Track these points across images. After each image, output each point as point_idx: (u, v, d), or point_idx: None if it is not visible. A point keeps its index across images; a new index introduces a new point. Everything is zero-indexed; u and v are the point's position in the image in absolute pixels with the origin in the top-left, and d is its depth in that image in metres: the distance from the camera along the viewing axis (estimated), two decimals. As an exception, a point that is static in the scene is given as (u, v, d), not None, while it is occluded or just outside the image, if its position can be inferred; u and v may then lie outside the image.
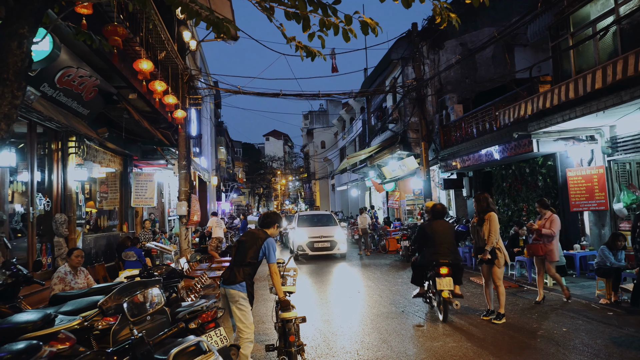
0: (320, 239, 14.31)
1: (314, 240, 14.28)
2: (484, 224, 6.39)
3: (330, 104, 46.93)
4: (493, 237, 6.27)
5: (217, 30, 3.46)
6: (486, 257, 6.31)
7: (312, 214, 18.38)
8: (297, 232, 14.87)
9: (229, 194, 34.59)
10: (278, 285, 4.53)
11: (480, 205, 6.59)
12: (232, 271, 4.59)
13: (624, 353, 4.91)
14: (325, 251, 14.25)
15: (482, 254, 6.35)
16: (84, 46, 6.16)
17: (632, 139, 8.60)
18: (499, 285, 6.37)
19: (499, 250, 6.33)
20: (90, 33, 3.08)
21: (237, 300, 4.47)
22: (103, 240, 9.77)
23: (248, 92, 13.41)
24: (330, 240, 14.33)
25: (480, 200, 6.64)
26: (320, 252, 14.20)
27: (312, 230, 14.76)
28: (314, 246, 14.19)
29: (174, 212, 15.47)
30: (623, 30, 8.11)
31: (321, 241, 14.26)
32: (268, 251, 4.57)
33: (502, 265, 6.37)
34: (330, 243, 14.29)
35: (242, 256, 4.59)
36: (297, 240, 14.54)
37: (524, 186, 12.06)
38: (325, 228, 14.97)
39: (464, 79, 16.27)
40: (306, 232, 14.65)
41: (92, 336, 3.89)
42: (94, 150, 9.00)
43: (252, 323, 4.61)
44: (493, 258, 6.31)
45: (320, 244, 14.23)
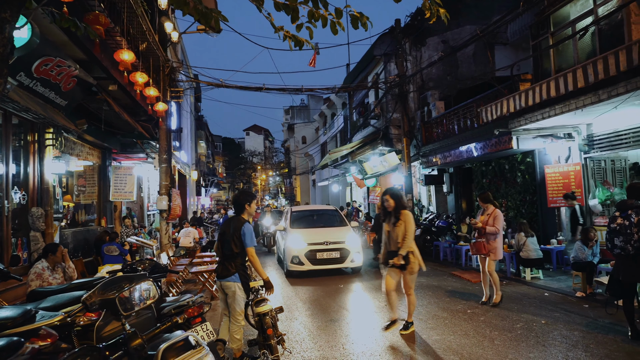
0: (326, 246, 9.90)
1: (316, 248, 9.88)
2: (397, 224, 5.54)
3: (312, 99, 46.82)
4: (409, 239, 5.46)
5: (205, 21, 3.40)
6: (399, 262, 5.46)
7: (311, 209, 13.30)
8: (291, 237, 10.29)
9: (209, 189, 34.24)
10: (259, 267, 4.71)
11: (394, 203, 5.62)
12: (224, 265, 4.70)
13: (600, 344, 5.07)
14: (333, 264, 9.90)
15: (395, 259, 5.48)
16: (63, 35, 5.98)
17: (607, 137, 8.85)
18: (409, 295, 5.67)
19: (412, 254, 5.52)
20: (75, 20, 2.98)
21: (234, 291, 4.62)
22: (81, 235, 9.54)
23: (230, 86, 13.26)
24: (339, 249, 9.95)
25: (395, 196, 5.67)
26: (326, 265, 9.84)
27: (312, 233, 10.41)
28: (316, 257, 9.83)
29: (154, 206, 15.25)
30: (601, 31, 8.32)
31: (327, 250, 9.88)
32: (244, 237, 4.64)
33: (415, 272, 5.60)
34: (339, 252, 9.93)
35: (228, 249, 4.67)
36: (290, 248, 10.05)
37: (503, 182, 12.30)
38: (330, 230, 10.66)
39: (445, 76, 16.45)
40: (304, 235, 10.21)
41: (73, 332, 3.79)
42: (71, 143, 8.75)
43: (243, 311, 4.73)
44: (406, 263, 5.50)
45: (326, 253, 9.86)
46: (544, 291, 7.87)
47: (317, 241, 9.95)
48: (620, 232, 5.33)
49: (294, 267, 9.91)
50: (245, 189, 8.06)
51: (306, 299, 7.87)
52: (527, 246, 8.79)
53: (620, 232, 5.32)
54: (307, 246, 9.90)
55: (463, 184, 14.74)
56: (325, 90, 16.11)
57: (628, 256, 5.21)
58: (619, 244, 5.34)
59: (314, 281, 9.57)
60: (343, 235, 10.28)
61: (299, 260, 9.86)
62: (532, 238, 8.86)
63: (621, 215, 5.34)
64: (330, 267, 9.95)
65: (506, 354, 4.83)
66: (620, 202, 5.65)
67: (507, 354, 4.85)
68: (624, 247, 5.27)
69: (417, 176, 16.72)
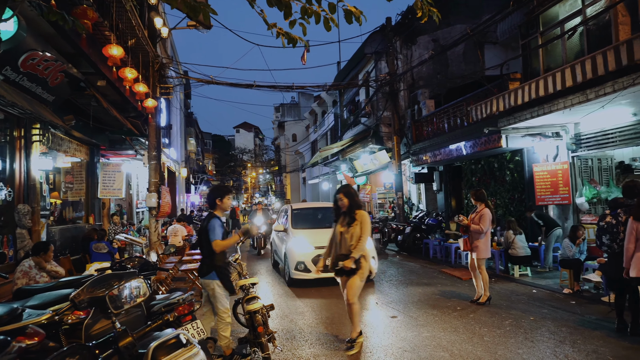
0: None
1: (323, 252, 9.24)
2: (353, 224, 5.03)
3: (303, 97, 46.76)
4: (364, 242, 4.97)
5: (193, 15, 3.36)
6: (350, 266, 4.91)
7: (314, 207, 11.66)
8: (295, 239, 9.09)
9: (199, 186, 34.04)
10: (231, 241, 4.68)
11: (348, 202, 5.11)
12: (203, 263, 4.72)
13: (586, 339, 5.14)
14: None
15: (346, 262, 4.92)
16: (50, 29, 5.87)
17: (594, 136, 8.97)
18: (352, 303, 5.05)
19: (364, 259, 5.04)
20: (63, 13, 2.92)
21: (212, 288, 4.60)
22: (68, 232, 9.42)
23: (221, 83, 13.19)
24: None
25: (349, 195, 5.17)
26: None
27: (318, 234, 9.06)
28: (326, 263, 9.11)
29: (143, 203, 15.11)
30: (589, 31, 8.42)
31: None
32: (209, 232, 4.59)
33: (365, 278, 5.11)
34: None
35: (206, 247, 4.66)
36: (294, 253, 8.77)
37: (492, 180, 12.40)
38: None
39: (436, 75, 16.53)
40: (309, 238, 8.96)
41: (61, 331, 3.75)
42: (59, 139, 8.62)
43: (229, 308, 4.71)
44: (357, 268, 4.97)
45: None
46: (532, 288, 7.96)
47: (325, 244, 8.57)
48: (607, 230, 5.41)
49: (298, 274, 8.49)
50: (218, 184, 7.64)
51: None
52: (515, 244, 8.88)
53: (608, 230, 5.40)
54: (314, 250, 8.45)
55: (453, 182, 14.84)
56: (316, 88, 16.12)
57: (615, 254, 5.29)
58: (606, 241, 5.42)
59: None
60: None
61: (305, 266, 8.45)
62: (521, 236, 8.96)
63: (611, 214, 5.42)
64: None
65: (495, 350, 4.87)
66: (612, 200, 5.73)
67: (496, 350, 4.89)
68: (610, 245, 5.36)
69: (408, 174, 16.79)
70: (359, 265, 5.01)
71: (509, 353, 4.80)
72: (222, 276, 4.62)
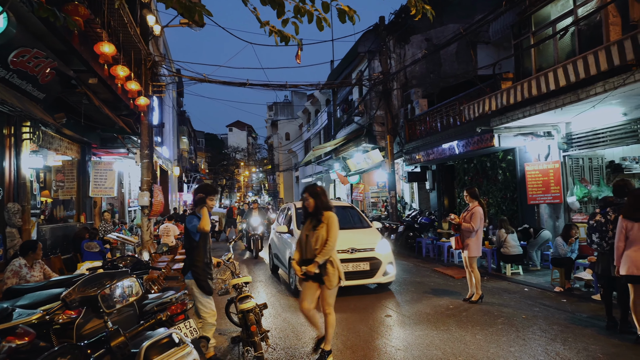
0: (351, 254, 7.51)
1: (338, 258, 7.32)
2: (318, 227, 4.60)
3: (295, 96, 46.70)
4: (330, 246, 4.52)
5: (188, 15, 3.34)
6: (313, 271, 4.47)
7: None
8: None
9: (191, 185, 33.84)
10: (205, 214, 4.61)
11: (314, 203, 4.69)
12: (184, 263, 4.78)
13: (577, 337, 5.20)
14: (361, 279, 7.54)
15: (309, 267, 4.49)
16: (41, 25, 5.81)
17: (585, 136, 9.05)
18: (328, 314, 4.61)
19: (332, 264, 4.55)
20: (54, 9, 2.89)
21: (191, 288, 4.64)
22: (59, 231, 9.33)
23: (213, 81, 13.11)
24: (369, 259, 7.58)
25: (315, 195, 4.72)
26: (351, 281, 7.37)
27: None
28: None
29: (135, 202, 15.01)
30: (581, 31, 8.49)
31: (353, 260, 7.49)
32: (187, 229, 4.65)
33: (335, 286, 4.57)
34: (369, 263, 7.55)
35: (185, 246, 4.75)
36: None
37: (484, 180, 12.48)
38: (353, 233, 8.23)
39: (429, 74, 16.58)
40: None
41: (52, 330, 3.71)
42: (49, 137, 8.54)
43: (211, 308, 4.70)
44: (322, 274, 4.51)
45: (352, 265, 7.45)
46: (524, 286, 8.02)
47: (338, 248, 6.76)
48: (596, 228, 5.47)
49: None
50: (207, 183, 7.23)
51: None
52: (507, 242, 8.94)
53: (597, 228, 5.46)
54: None
55: (445, 181, 14.90)
56: (309, 87, 16.08)
57: (604, 252, 5.34)
58: (595, 240, 5.47)
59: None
60: (371, 239, 7.92)
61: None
62: (513, 234, 9.03)
63: (600, 213, 5.47)
64: (358, 282, 7.48)
65: (488, 349, 4.90)
66: (602, 199, 5.79)
67: (488, 348, 4.92)
68: (600, 244, 5.41)
69: (401, 173, 16.83)
70: (325, 272, 4.52)
71: (501, 351, 4.83)
72: (197, 276, 4.61)
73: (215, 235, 19.14)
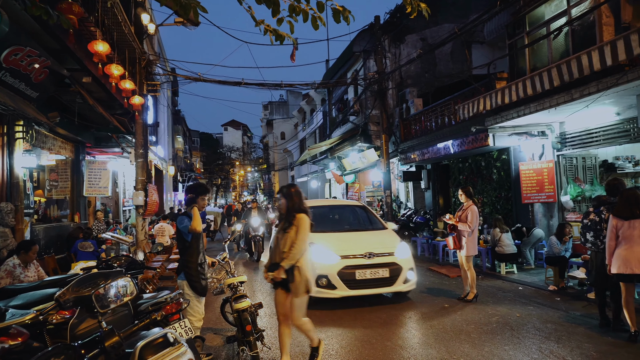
0: (368, 260, 6.74)
1: (354, 263, 6.74)
2: (289, 229, 4.30)
3: (291, 95, 46.65)
4: (297, 250, 4.18)
5: (183, 13, 3.32)
6: (279, 276, 4.17)
7: (328, 205, 9.56)
8: (313, 248, 6.62)
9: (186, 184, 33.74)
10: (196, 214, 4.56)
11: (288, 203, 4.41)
12: (179, 263, 4.74)
13: (571, 335, 5.23)
14: (380, 287, 6.80)
15: (275, 272, 4.19)
16: (34, 24, 5.76)
17: (579, 135, 9.11)
18: (299, 325, 4.29)
19: (299, 271, 4.20)
20: (48, 8, 2.87)
21: (183, 289, 4.59)
22: (53, 231, 9.28)
23: (208, 80, 13.06)
24: (388, 264, 6.78)
25: (288, 196, 4.43)
26: (369, 289, 6.73)
27: (342, 240, 7.33)
28: (356, 277, 6.67)
29: (130, 202, 14.94)
30: (575, 31, 8.53)
31: (370, 266, 6.72)
32: (179, 230, 4.57)
33: (303, 294, 4.24)
34: (388, 269, 6.75)
35: (178, 246, 4.66)
36: (313, 264, 6.36)
37: (479, 179, 12.53)
38: (367, 235, 7.62)
39: (424, 74, 16.62)
40: (332, 244, 7.03)
41: (45, 331, 3.69)
42: (43, 136, 8.48)
43: (199, 312, 4.68)
44: (289, 280, 4.20)
45: (369, 271, 6.70)
46: (518, 285, 8.07)
47: (354, 253, 6.76)
48: (591, 227, 5.51)
49: (321, 292, 6.56)
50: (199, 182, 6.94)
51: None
52: (502, 241, 8.99)
53: (591, 227, 5.50)
54: (340, 261, 6.67)
55: (440, 180, 14.95)
56: (304, 86, 16.07)
57: (598, 251, 5.38)
58: (589, 239, 5.51)
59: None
60: (389, 243, 7.19)
61: (329, 282, 6.58)
62: (507, 234, 9.07)
63: (594, 212, 5.51)
64: (376, 291, 6.77)
65: (482, 347, 4.93)
66: (595, 198, 5.83)
67: (483, 347, 4.94)
68: (594, 242, 5.45)
69: (396, 172, 16.86)
70: (292, 278, 4.19)
71: (496, 349, 4.85)
72: (189, 277, 4.58)
73: (210, 235, 19.09)
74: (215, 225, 19.94)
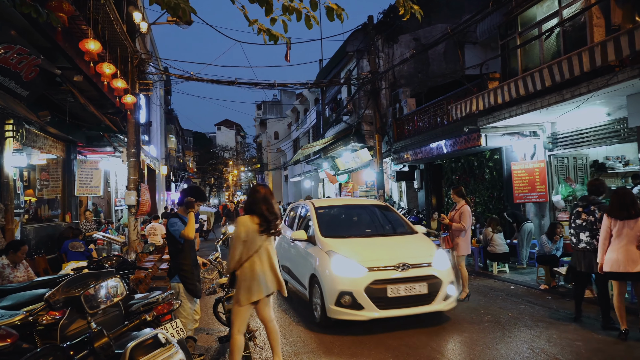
0: (402, 272, 5.55)
1: (384, 277, 5.51)
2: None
3: (284, 95, 46.57)
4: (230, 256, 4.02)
5: (173, 13, 3.31)
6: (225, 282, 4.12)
7: (347, 205, 8.09)
8: (334, 258, 5.75)
9: (179, 184, 33.58)
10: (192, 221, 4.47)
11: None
12: (170, 265, 4.65)
13: (561, 334, 5.28)
14: (416, 306, 5.57)
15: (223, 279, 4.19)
16: (24, 21, 5.70)
17: (570, 135, 9.18)
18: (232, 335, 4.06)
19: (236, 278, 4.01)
20: (37, 5, 2.84)
21: (177, 291, 4.53)
22: (44, 231, 9.19)
23: (201, 79, 13.01)
24: (426, 277, 5.62)
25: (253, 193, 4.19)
26: (404, 309, 5.54)
27: (366, 247, 6.10)
28: (387, 294, 5.45)
29: (122, 201, 14.84)
30: (566, 32, 8.60)
31: (404, 280, 5.52)
32: (169, 232, 4.46)
33: (237, 304, 4.00)
34: (426, 284, 5.57)
35: (170, 249, 4.56)
36: (335, 278, 5.57)
37: (472, 179, 12.59)
38: (396, 241, 6.42)
39: (417, 74, 16.66)
40: (356, 254, 5.79)
41: (35, 332, 3.65)
42: (33, 135, 8.40)
43: (192, 314, 4.65)
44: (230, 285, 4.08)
45: (404, 287, 5.49)
46: (510, 284, 8.12)
47: (384, 264, 5.56)
48: (586, 227, 5.56)
49: (343, 313, 5.39)
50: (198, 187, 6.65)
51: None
52: (494, 241, 9.04)
53: (587, 227, 5.56)
54: (367, 274, 5.44)
55: (433, 180, 15.00)
56: (298, 86, 16.05)
57: (593, 250, 5.43)
58: (584, 238, 5.57)
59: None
60: (424, 250, 6.02)
61: (354, 300, 5.35)
62: (499, 233, 9.13)
63: (584, 211, 5.56)
64: (412, 311, 5.51)
65: (474, 346, 4.95)
66: (581, 198, 5.90)
67: (475, 345, 4.97)
68: (590, 242, 5.51)
69: (389, 172, 16.90)
70: (232, 284, 4.01)
71: (488, 348, 4.88)
72: (185, 279, 4.52)
73: (203, 235, 19.02)
74: (208, 224, 19.88)
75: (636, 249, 4.83)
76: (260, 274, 3.96)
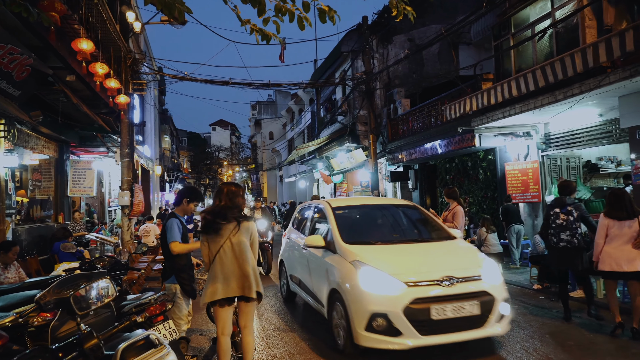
0: (448, 289, 4.36)
1: (427, 294, 4.32)
2: None
3: (279, 95, 46.53)
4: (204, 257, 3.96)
5: (168, 12, 3.29)
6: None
7: (367, 204, 6.83)
8: (362, 270, 4.55)
9: (174, 184, 33.48)
10: (191, 247, 4.42)
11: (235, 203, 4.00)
12: (165, 266, 4.61)
13: (554, 333, 5.31)
14: (466, 330, 4.37)
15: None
16: (15, 21, 5.65)
17: (562, 136, 9.24)
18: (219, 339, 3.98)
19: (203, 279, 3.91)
20: (27, 4, 2.81)
21: (174, 293, 4.50)
22: (36, 231, 9.12)
23: (195, 79, 12.98)
24: (477, 293, 4.44)
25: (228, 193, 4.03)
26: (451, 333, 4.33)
27: (400, 256, 4.95)
28: (430, 316, 4.22)
29: (115, 202, 14.77)
30: (559, 34, 8.65)
31: (451, 297, 4.32)
32: (165, 234, 4.40)
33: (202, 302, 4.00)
34: (478, 302, 4.37)
35: (165, 249, 4.47)
36: (364, 296, 4.38)
37: (466, 179, 12.64)
38: (432, 248, 5.36)
39: (411, 74, 16.70)
40: (387, 263, 4.64)
41: (26, 333, 3.62)
42: (25, 135, 8.33)
43: (186, 315, 4.63)
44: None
45: (450, 307, 4.27)
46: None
47: (425, 278, 4.49)
48: (566, 227, 5.70)
49: (376, 340, 4.32)
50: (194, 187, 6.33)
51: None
52: (488, 241, 9.04)
53: (567, 227, 5.69)
54: (405, 290, 4.34)
55: (428, 180, 15.05)
56: (292, 86, 16.05)
57: (574, 248, 5.57)
58: (565, 237, 5.70)
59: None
60: (470, 260, 4.95)
61: (390, 323, 4.26)
62: (493, 234, 9.14)
63: (562, 212, 5.70)
64: (461, 337, 4.44)
65: (466, 346, 4.96)
66: (555, 199, 6.10)
67: (467, 345, 4.97)
68: (571, 241, 5.65)
69: (384, 172, 16.92)
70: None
71: (480, 349, 4.89)
72: (182, 280, 4.48)
73: (198, 235, 18.95)
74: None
75: (632, 248, 4.93)
76: (219, 274, 3.83)
